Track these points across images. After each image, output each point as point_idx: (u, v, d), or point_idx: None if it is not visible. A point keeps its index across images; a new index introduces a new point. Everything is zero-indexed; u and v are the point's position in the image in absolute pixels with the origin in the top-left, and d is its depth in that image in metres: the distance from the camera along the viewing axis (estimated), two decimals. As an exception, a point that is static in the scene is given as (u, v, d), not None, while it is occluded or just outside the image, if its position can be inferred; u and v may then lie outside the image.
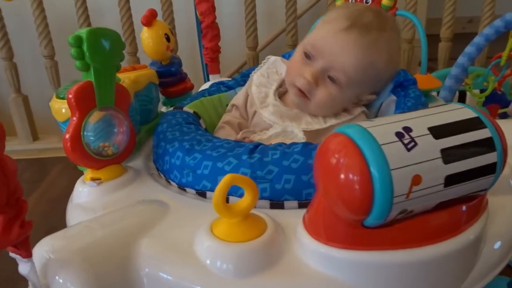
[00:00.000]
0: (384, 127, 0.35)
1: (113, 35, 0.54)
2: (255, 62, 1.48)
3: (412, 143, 0.34)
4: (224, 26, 1.56)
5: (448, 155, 0.34)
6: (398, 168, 0.33)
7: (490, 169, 0.36)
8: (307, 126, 0.61)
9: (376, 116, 0.67)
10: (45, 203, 1.13)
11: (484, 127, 0.36)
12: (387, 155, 0.33)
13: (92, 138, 0.53)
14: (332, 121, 0.62)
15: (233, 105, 0.71)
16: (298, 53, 0.62)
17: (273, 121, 0.62)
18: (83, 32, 0.51)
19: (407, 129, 0.35)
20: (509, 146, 0.55)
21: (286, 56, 0.74)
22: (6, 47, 1.40)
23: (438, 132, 0.35)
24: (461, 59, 0.96)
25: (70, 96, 0.51)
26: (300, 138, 0.59)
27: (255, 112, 0.67)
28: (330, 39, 0.58)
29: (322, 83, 0.60)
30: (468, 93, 1.11)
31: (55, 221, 0.44)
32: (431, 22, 1.81)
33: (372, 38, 0.57)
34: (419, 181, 0.33)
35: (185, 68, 0.90)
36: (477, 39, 0.95)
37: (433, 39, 1.55)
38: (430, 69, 1.47)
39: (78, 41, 0.51)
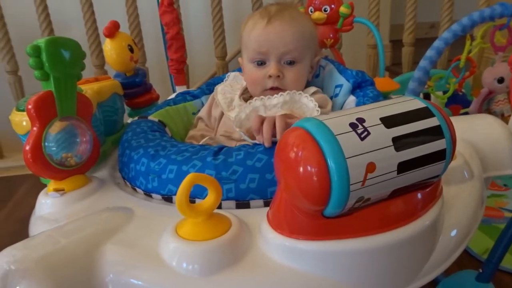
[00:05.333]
0: (339, 119, 0.36)
1: (73, 45, 0.54)
2: (225, 71, 1.48)
3: (365, 133, 0.35)
4: (192, 36, 1.56)
5: (399, 143, 0.35)
6: (353, 156, 0.34)
7: (440, 156, 0.38)
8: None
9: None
10: (13, 223, 1.10)
11: (433, 116, 0.38)
12: (342, 144, 0.34)
13: (54, 149, 0.52)
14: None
15: (198, 118, 0.74)
16: (249, 67, 0.69)
17: None
18: (41, 41, 0.51)
19: (361, 120, 0.36)
20: (465, 139, 0.59)
21: (240, 70, 0.77)
22: (-33, 63, 1.36)
23: (389, 122, 0.36)
24: (422, 63, 1.00)
25: (30, 106, 0.50)
26: (311, 107, 0.63)
27: (221, 115, 0.70)
28: (264, 37, 0.66)
29: (285, 70, 0.67)
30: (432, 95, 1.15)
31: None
32: (395, 28, 1.87)
33: (287, 15, 0.68)
34: (373, 169, 0.34)
35: (154, 79, 0.90)
36: (437, 43, 0.99)
37: (398, 44, 1.60)
38: (396, 73, 1.52)
39: (36, 51, 0.50)
